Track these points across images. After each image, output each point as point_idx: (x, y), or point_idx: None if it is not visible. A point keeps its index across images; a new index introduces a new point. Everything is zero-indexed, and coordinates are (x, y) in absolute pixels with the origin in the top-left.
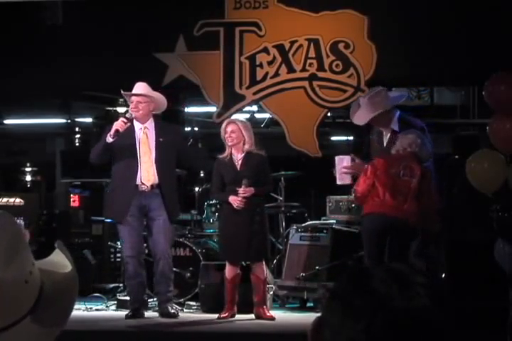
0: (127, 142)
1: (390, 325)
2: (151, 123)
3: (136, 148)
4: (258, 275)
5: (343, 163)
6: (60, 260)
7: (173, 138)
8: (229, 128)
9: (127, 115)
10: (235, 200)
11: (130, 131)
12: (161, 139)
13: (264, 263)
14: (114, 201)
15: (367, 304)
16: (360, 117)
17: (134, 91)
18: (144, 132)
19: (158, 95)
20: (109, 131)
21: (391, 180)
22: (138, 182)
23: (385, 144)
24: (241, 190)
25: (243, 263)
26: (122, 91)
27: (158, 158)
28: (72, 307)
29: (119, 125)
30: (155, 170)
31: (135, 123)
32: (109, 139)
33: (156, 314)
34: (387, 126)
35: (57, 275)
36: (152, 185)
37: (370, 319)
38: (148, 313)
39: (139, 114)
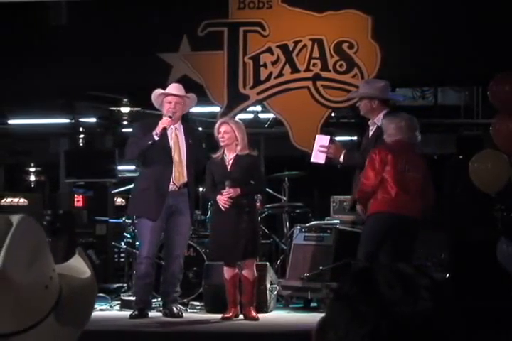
0: (161, 142)
1: (395, 330)
2: (180, 125)
3: (170, 149)
4: (246, 276)
5: (321, 141)
6: (79, 266)
7: (196, 140)
8: (222, 129)
9: (169, 114)
10: (220, 200)
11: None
12: (190, 141)
13: (254, 264)
14: (146, 200)
15: (372, 308)
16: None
17: (173, 91)
18: (175, 133)
19: (194, 97)
20: (143, 129)
21: (400, 176)
22: (171, 182)
23: (369, 136)
24: (225, 192)
25: None
26: (161, 90)
27: (188, 159)
28: (89, 313)
29: (165, 122)
30: (185, 171)
31: None
32: (156, 137)
33: (159, 314)
34: (372, 118)
35: (76, 280)
36: (180, 185)
37: (374, 323)
38: (152, 313)
39: (176, 115)
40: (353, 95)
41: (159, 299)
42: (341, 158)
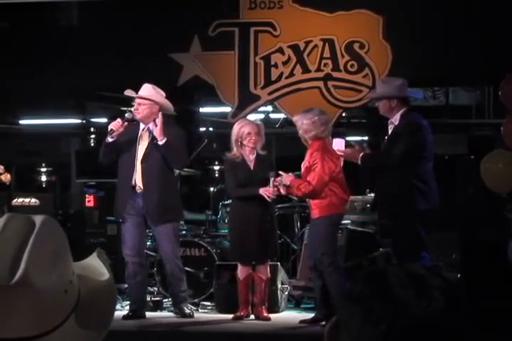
0: (128, 143)
1: (408, 330)
2: (154, 125)
3: (135, 149)
4: (261, 276)
5: (338, 145)
6: (97, 266)
7: (173, 139)
8: (253, 130)
9: (126, 115)
10: (267, 192)
11: (133, 131)
12: (161, 142)
13: (268, 264)
14: (117, 200)
15: (384, 309)
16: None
17: (139, 92)
18: (145, 133)
19: (160, 99)
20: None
21: (341, 175)
22: (133, 183)
23: (389, 133)
24: (278, 179)
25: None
26: (126, 92)
27: (154, 160)
28: (110, 315)
29: (113, 125)
30: (150, 173)
31: (140, 123)
32: (108, 139)
33: (171, 314)
34: (391, 117)
35: (95, 282)
36: (145, 187)
37: (387, 324)
38: (163, 313)
39: (139, 117)
40: (371, 96)
41: (170, 299)
42: (359, 161)
